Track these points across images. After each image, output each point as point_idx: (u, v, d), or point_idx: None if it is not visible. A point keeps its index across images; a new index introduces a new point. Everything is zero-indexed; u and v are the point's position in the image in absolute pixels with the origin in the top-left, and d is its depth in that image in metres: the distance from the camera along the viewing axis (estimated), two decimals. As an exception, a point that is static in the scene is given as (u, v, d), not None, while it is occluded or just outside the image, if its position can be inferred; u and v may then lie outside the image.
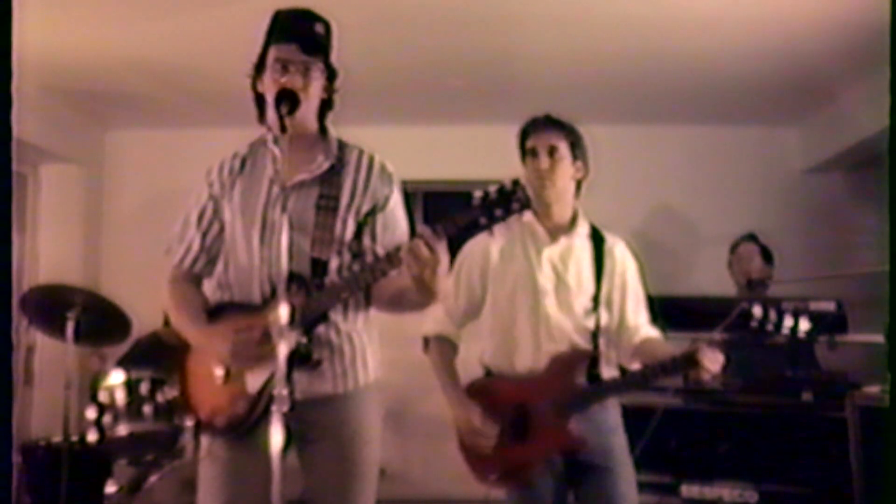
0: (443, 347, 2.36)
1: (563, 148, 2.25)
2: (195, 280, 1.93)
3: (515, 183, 1.53)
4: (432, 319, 2.36)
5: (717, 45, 3.40)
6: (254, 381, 1.74)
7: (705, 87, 3.96)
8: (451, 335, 2.37)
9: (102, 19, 3.17)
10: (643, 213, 4.49)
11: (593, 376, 2.23)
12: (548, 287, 2.25)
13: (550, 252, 2.28)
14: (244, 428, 1.74)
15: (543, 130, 2.27)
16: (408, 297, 1.74)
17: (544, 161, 2.23)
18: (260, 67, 1.83)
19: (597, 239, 2.32)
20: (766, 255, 3.70)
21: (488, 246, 2.31)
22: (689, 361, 2.05)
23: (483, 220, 1.53)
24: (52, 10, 3.01)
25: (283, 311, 1.51)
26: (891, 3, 1.61)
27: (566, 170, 2.26)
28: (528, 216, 2.26)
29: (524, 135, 2.31)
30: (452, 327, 2.36)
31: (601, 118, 2.46)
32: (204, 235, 1.89)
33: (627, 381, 2.29)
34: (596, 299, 2.26)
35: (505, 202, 1.52)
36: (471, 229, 1.57)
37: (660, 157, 4.55)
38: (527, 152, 2.28)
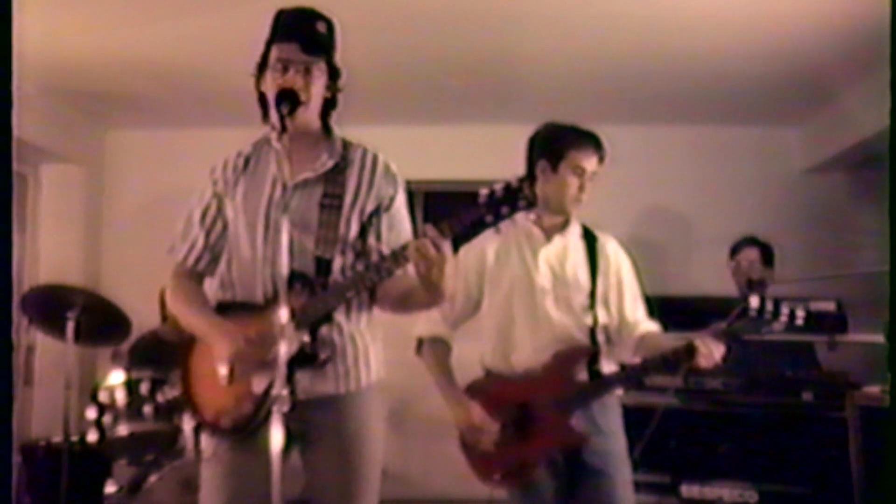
0: (437, 348, 2.36)
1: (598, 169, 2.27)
2: (198, 278, 1.93)
3: (522, 180, 1.53)
4: (426, 320, 2.35)
5: (717, 46, 3.40)
6: (259, 382, 1.72)
7: (706, 88, 3.95)
8: (444, 336, 2.37)
9: (103, 20, 3.16)
10: (643, 213, 4.48)
11: (594, 373, 2.24)
12: (546, 286, 2.26)
13: (546, 252, 2.30)
14: (250, 429, 1.72)
15: (594, 152, 2.26)
16: (415, 297, 1.74)
17: (587, 184, 2.25)
18: (262, 66, 1.82)
19: (589, 238, 2.35)
20: (767, 258, 3.68)
21: (484, 248, 2.32)
22: (690, 351, 2.08)
23: (489, 218, 1.53)
24: (52, 11, 3.01)
25: (283, 311, 1.51)
26: (891, 3, 1.61)
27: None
28: (522, 217, 2.26)
29: (563, 141, 2.26)
30: (446, 328, 2.37)
31: (601, 118, 2.45)
32: (208, 233, 1.89)
33: (628, 374, 2.31)
34: (592, 296, 2.28)
35: (511, 200, 1.52)
36: (477, 227, 1.56)
37: (660, 157, 4.53)
38: (564, 160, 2.23)
